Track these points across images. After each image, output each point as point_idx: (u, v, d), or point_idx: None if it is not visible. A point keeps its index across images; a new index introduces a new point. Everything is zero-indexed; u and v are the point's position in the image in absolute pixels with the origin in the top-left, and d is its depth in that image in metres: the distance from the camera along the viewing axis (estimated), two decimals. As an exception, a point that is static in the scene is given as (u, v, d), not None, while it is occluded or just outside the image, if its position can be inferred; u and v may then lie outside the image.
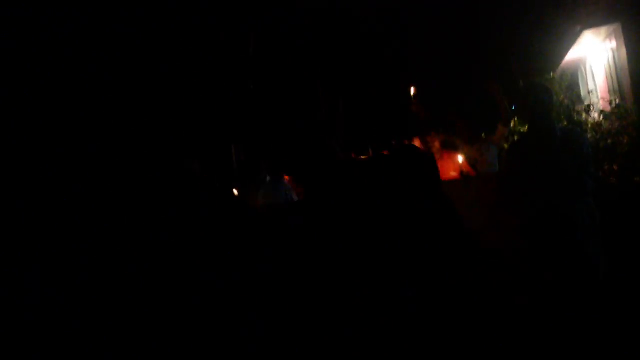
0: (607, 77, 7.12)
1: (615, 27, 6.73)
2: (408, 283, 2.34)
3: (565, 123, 6.09)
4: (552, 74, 7.31)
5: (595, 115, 6.22)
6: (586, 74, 7.73)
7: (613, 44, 6.89)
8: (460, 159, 5.09)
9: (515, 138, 6.01)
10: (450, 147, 5.10)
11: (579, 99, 7.58)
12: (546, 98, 3.13)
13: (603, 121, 5.92)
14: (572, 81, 7.60)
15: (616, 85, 6.86)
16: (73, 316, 3.50)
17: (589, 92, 7.31)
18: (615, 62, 6.89)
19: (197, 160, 4.77)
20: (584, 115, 6.22)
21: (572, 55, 7.52)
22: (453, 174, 5.10)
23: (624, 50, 6.67)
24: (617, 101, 6.37)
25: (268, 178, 5.35)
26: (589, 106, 6.34)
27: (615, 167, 5.29)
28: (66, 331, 3.44)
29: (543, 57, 7.42)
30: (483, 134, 5.74)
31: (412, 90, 5.82)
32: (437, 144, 5.05)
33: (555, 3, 7.07)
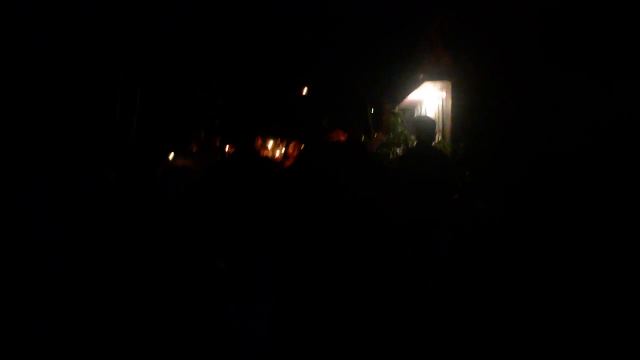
0: (436, 119, 9.46)
1: (447, 83, 9.06)
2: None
3: (403, 148, 8.20)
4: (396, 108, 9.52)
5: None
6: (421, 113, 10.09)
7: (444, 94, 9.24)
8: None
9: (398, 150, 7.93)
10: None
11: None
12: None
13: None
14: (411, 116, 9.91)
15: (441, 126, 9.19)
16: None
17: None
18: (443, 109, 9.25)
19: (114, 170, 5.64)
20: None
21: (414, 96, 9.80)
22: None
23: (450, 102, 9.03)
24: (439, 138, 8.63)
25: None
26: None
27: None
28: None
29: (392, 94, 9.57)
30: (363, 137, 7.39)
31: (305, 91, 7.12)
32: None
33: (409, 56, 9.24)
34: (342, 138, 5.78)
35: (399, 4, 8.98)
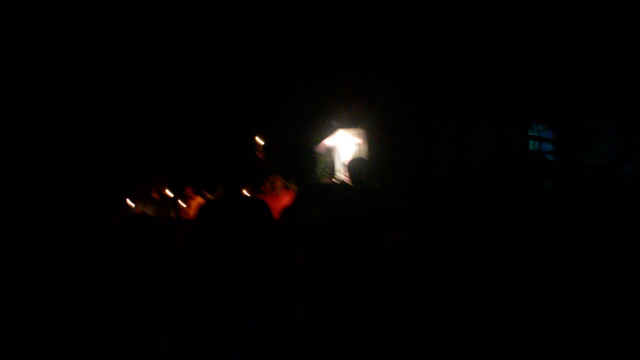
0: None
1: (360, 130, 9.99)
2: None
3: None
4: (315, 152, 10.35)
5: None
6: (339, 156, 10.94)
7: (358, 139, 10.14)
8: None
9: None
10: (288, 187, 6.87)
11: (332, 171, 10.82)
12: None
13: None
14: (330, 158, 10.78)
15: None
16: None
17: (340, 170, 10.43)
18: (358, 151, 10.13)
19: None
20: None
21: (331, 142, 10.65)
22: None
23: (364, 145, 9.93)
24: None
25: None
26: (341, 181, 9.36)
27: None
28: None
29: (312, 138, 10.39)
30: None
31: (258, 139, 7.78)
32: (278, 183, 6.76)
33: (324, 106, 10.19)
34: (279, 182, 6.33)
35: (315, 55, 9.98)
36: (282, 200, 6.07)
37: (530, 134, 8.93)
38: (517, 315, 5.01)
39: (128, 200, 5.97)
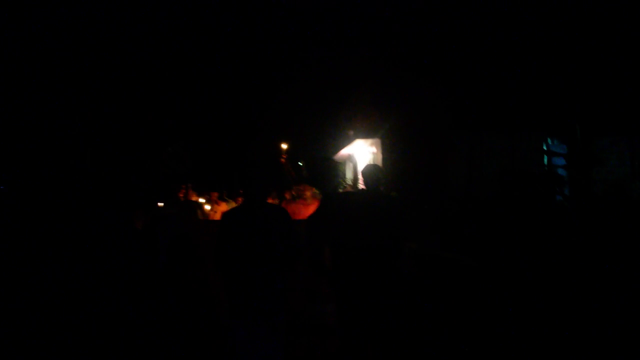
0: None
1: (376, 140, 10.29)
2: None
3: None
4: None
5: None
6: (356, 164, 11.25)
7: (374, 149, 10.43)
8: None
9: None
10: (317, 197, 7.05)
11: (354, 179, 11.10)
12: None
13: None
14: (346, 166, 11.08)
15: (373, 177, 10.32)
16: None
17: (358, 179, 10.73)
18: (374, 161, 10.43)
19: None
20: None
21: (347, 150, 10.96)
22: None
23: (380, 155, 10.23)
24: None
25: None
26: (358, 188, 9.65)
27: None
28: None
29: (330, 147, 10.71)
30: None
31: (284, 146, 8.11)
32: (308, 194, 7.00)
33: (341, 117, 10.49)
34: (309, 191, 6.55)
35: (334, 67, 10.32)
36: (311, 208, 6.31)
37: (543, 148, 9.14)
38: (526, 325, 5.26)
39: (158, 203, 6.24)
